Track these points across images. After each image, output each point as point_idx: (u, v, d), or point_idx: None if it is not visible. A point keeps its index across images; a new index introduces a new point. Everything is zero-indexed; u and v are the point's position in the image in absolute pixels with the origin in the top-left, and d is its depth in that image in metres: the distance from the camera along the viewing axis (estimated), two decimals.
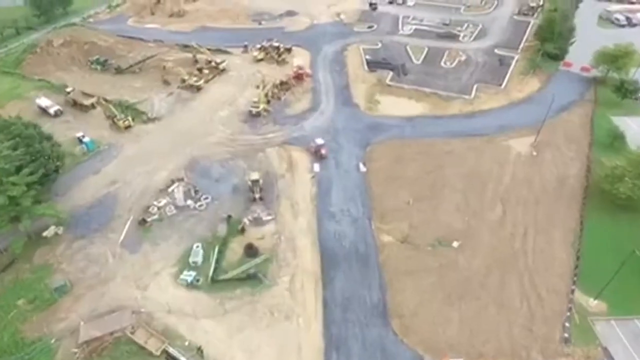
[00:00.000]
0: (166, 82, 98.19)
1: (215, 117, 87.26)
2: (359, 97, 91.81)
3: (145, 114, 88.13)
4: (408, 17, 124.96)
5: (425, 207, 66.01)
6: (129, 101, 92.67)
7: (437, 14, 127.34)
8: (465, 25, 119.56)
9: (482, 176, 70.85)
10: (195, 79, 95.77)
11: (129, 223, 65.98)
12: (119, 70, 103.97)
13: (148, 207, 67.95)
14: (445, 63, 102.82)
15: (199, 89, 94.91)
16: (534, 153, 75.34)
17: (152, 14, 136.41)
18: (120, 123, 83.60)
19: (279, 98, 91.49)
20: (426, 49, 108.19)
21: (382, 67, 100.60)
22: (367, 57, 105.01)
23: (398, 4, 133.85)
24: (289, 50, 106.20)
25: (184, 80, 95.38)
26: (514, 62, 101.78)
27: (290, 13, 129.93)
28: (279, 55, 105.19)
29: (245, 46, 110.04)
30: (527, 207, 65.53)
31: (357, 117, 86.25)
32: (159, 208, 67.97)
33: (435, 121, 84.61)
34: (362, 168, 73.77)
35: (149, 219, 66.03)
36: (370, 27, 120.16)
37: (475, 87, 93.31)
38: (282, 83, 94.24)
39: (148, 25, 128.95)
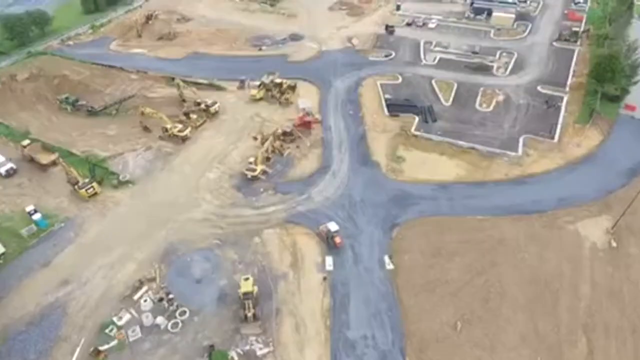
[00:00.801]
0: (146, 129, 79.63)
1: (201, 181, 68.67)
2: (378, 153, 72.94)
3: (116, 175, 69.66)
4: (430, 43, 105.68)
5: (479, 335, 47.23)
6: (98, 156, 74.30)
7: (464, 38, 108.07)
8: (498, 53, 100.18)
9: (550, 283, 51.95)
10: (179, 127, 77.04)
11: (77, 353, 47.75)
12: (91, 112, 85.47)
13: (105, 327, 49.72)
14: (480, 105, 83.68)
15: (184, 139, 76.35)
16: (614, 244, 56.44)
17: (139, 36, 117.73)
18: (83, 192, 65.26)
19: (281, 154, 72.77)
20: (455, 85, 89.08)
21: (406, 111, 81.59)
22: (387, 96, 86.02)
23: (418, 26, 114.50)
24: (293, 88, 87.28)
25: (166, 130, 76.74)
26: (563, 105, 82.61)
27: (295, 37, 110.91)
28: (282, 94, 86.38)
29: (242, 81, 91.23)
30: (622, 339, 46.73)
31: (378, 182, 67.41)
32: (119, 328, 49.71)
33: (476, 190, 65.62)
34: (389, 264, 55.01)
35: (103, 348, 47.78)
36: (387, 55, 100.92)
37: (521, 140, 74.19)
38: (285, 134, 75.48)
39: (133, 50, 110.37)
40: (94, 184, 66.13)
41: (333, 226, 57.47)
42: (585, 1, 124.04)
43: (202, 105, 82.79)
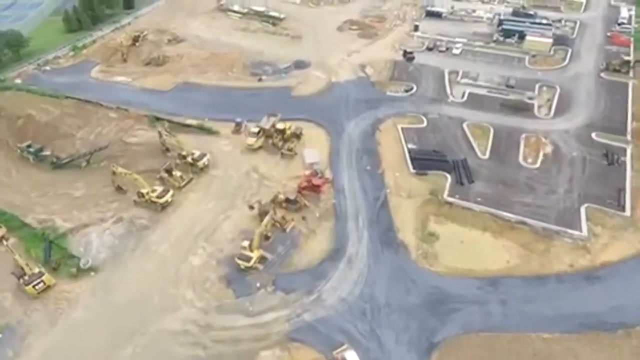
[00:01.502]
0: (119, 190, 64.13)
1: (182, 269, 53.11)
2: (405, 228, 57.12)
3: (76, 260, 54.30)
4: (456, 72, 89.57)
5: None
6: (58, 228, 58.98)
7: (494, 67, 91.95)
8: (537, 87, 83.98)
9: None
10: (158, 191, 61.34)
11: None
12: (57, 165, 70.24)
13: None
14: (525, 159, 67.69)
15: (164, 206, 60.90)
16: None
17: (125, 60, 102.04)
18: (30, 289, 49.97)
19: (284, 229, 57.21)
20: (492, 131, 73.16)
21: (434, 166, 65.87)
22: (411, 145, 70.24)
23: (440, 52, 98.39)
24: (298, 136, 71.54)
25: (142, 194, 61.19)
26: (628, 159, 66.65)
27: (300, 64, 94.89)
28: (284, 142, 70.86)
29: (239, 123, 75.68)
30: None
31: (406, 274, 51.60)
32: None
33: (535, 289, 49.66)
34: None
35: None
36: (408, 89, 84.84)
37: (583, 211, 58.24)
38: (288, 201, 59.90)
39: (117, 79, 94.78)
40: (45, 277, 50.69)
41: (351, 355, 41.90)
42: (630, 21, 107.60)
43: (189, 159, 67.34)
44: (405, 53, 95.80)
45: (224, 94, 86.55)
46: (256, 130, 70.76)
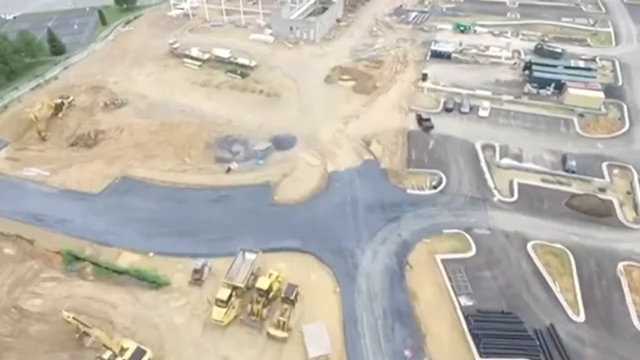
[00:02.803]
0: None
1: None
2: None
3: None
4: (491, 147, 64.37)
5: None
6: None
7: (538, 136, 67.19)
8: (605, 169, 60.00)
9: None
10: None
11: None
12: None
13: None
14: (637, 318, 43.43)
15: None
16: None
17: (43, 139, 72.50)
18: None
19: None
20: (571, 259, 48.45)
21: (510, 349, 40.33)
22: (464, 302, 44.43)
23: (462, 113, 73.09)
24: (292, 301, 43.79)
25: None
26: None
27: (282, 142, 67.39)
28: (265, 306, 43.76)
29: (199, 270, 47.94)
30: None
31: None
32: None
33: None
34: None
35: None
36: (435, 183, 58.87)
37: None
38: None
39: (28, 172, 65.49)
40: None
41: None
42: None
43: (115, 350, 39.53)
44: (420, 120, 70.05)
45: (179, 200, 58.56)
46: (225, 293, 43.15)
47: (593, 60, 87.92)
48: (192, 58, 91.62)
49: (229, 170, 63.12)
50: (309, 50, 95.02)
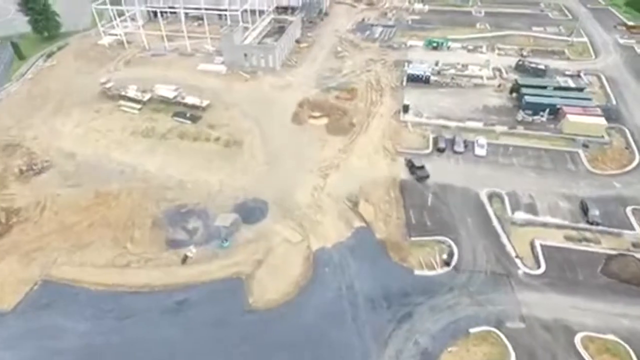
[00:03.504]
0: None
1: None
2: None
3: None
4: (499, 197, 53.49)
5: None
6: None
7: (546, 177, 56.98)
8: (630, 214, 50.84)
9: None
10: None
11: None
12: None
13: None
14: None
15: None
16: None
17: None
18: None
19: None
20: (632, 354, 38.34)
21: None
22: None
23: (457, 153, 61.85)
24: None
25: None
26: None
27: (250, 212, 52.91)
28: None
29: None
30: None
31: None
32: None
33: None
34: None
35: None
36: (446, 259, 46.56)
37: None
38: None
39: None
40: None
41: None
42: None
43: None
44: (412, 167, 58.12)
45: (120, 313, 43.01)
46: None
47: (578, 75, 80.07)
48: (129, 100, 75.01)
49: (185, 259, 48.28)
50: (270, 81, 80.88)
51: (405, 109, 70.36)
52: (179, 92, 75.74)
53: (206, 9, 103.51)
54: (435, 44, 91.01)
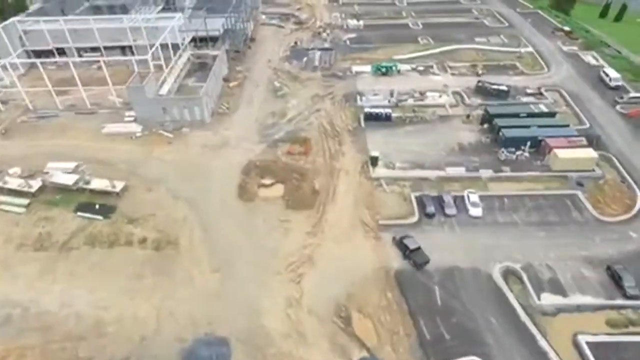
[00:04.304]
0: None
1: None
2: None
3: None
4: (515, 276, 42.81)
5: None
6: None
7: (557, 236, 46.98)
8: None
9: None
10: None
11: None
12: None
13: None
14: None
15: None
16: None
17: None
18: None
19: None
20: None
21: None
22: None
23: (448, 216, 49.97)
24: None
25: None
26: None
27: None
28: None
29: None
30: None
31: None
32: None
33: None
34: None
35: None
36: None
37: None
38: None
39: None
40: None
41: None
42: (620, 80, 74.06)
43: None
44: (405, 250, 45.10)
45: None
46: None
47: (540, 93, 72.84)
48: (11, 193, 53.77)
49: None
50: (200, 140, 63.50)
51: (374, 161, 57.42)
52: (81, 173, 56.08)
53: (105, 47, 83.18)
54: (384, 70, 79.26)
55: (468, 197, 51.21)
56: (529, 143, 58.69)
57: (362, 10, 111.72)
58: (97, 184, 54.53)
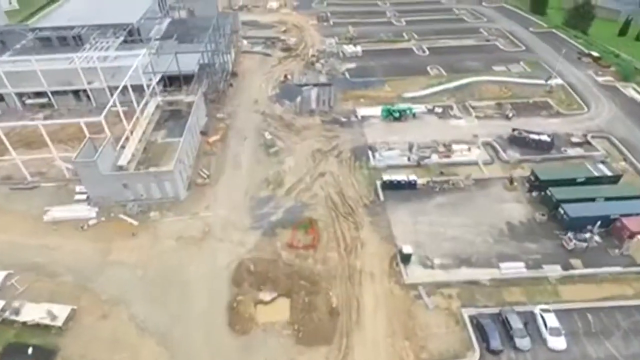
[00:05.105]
0: None
1: None
2: None
3: None
4: None
5: None
6: None
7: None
8: None
9: None
10: None
11: None
12: None
13: None
14: None
15: None
16: None
17: None
18: None
19: None
20: None
21: None
22: None
23: (521, 351, 36.03)
24: None
25: None
26: None
27: None
28: None
29: None
30: None
31: None
32: None
33: None
34: None
35: None
36: None
37: None
38: None
39: None
40: None
41: None
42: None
43: None
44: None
45: None
46: None
47: (587, 142, 59.83)
48: None
49: None
50: (174, 229, 47.67)
51: (405, 259, 42.98)
52: (9, 294, 39.75)
53: (53, 92, 66.77)
54: (397, 115, 64.98)
55: (543, 318, 37.27)
56: (598, 223, 45.26)
57: (358, 32, 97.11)
58: (32, 313, 38.43)
